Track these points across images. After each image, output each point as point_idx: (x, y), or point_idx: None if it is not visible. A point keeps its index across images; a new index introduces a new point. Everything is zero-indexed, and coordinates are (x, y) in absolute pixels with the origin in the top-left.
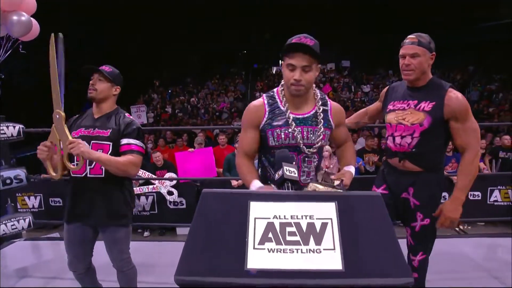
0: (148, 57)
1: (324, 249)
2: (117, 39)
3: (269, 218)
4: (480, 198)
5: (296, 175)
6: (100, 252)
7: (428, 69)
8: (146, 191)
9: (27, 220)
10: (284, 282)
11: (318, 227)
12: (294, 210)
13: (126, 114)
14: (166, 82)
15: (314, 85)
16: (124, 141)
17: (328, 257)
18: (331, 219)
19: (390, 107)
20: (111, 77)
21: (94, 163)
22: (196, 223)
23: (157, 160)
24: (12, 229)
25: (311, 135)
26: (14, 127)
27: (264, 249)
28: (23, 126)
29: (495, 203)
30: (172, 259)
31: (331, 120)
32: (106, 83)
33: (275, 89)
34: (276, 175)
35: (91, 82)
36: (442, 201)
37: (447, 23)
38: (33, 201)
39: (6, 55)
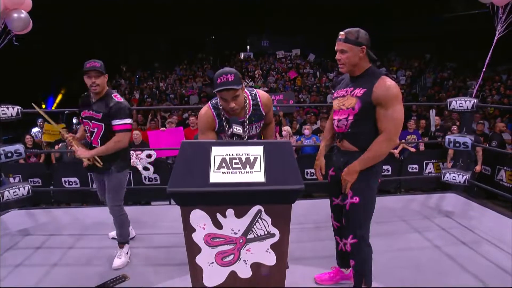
0: (113, 41)
1: (255, 171)
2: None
3: (223, 155)
4: (417, 170)
5: (241, 131)
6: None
7: (360, 61)
8: None
9: (26, 187)
10: (231, 189)
11: (252, 160)
12: (238, 151)
13: (113, 94)
14: (133, 67)
15: (245, 90)
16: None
17: (257, 175)
18: (260, 155)
19: (335, 95)
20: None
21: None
22: (179, 158)
23: (136, 138)
24: (14, 195)
25: (251, 130)
26: (13, 108)
27: (220, 172)
28: (20, 108)
29: (430, 174)
30: (152, 219)
31: (262, 111)
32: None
33: (217, 101)
34: (229, 132)
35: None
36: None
37: (407, 15)
38: None
39: (1, 46)
